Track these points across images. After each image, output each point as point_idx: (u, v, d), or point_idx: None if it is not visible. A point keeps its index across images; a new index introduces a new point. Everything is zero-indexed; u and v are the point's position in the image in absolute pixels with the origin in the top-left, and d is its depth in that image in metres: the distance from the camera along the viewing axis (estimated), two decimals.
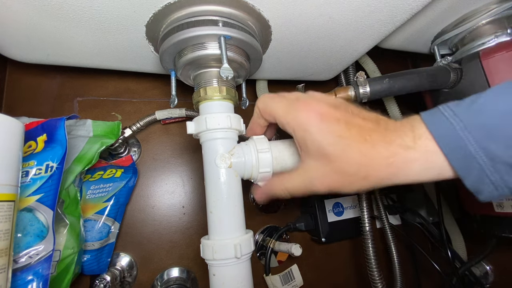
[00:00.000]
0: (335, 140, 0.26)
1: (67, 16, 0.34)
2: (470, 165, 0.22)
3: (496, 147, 0.21)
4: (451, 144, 0.23)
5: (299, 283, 0.61)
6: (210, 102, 0.36)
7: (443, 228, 0.59)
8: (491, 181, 0.22)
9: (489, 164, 0.22)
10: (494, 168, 0.22)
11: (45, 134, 0.38)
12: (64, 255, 0.39)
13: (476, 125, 0.22)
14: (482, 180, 0.22)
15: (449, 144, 0.23)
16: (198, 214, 0.59)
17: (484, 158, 0.22)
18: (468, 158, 0.22)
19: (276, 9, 0.35)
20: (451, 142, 0.23)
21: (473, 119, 0.22)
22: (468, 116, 0.23)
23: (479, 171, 0.22)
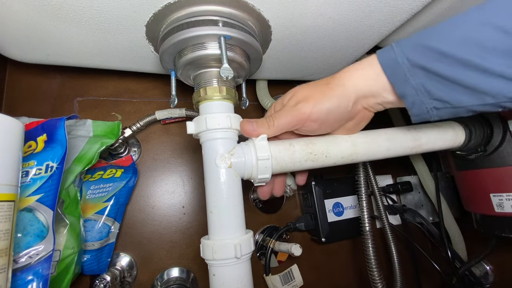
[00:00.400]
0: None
1: (67, 16, 0.34)
2: (397, 71, 0.28)
3: (415, 55, 0.26)
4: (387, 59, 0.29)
5: (299, 283, 0.61)
6: (210, 102, 0.36)
7: (443, 228, 0.59)
8: (412, 85, 0.27)
9: (410, 69, 0.27)
10: (414, 72, 0.27)
11: (45, 134, 0.38)
12: (64, 255, 0.39)
13: (407, 43, 0.28)
14: (406, 84, 0.28)
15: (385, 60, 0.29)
16: (198, 214, 0.59)
17: (406, 64, 0.27)
18: (396, 66, 0.28)
19: (276, 9, 0.35)
20: (387, 58, 0.28)
21: (407, 40, 0.28)
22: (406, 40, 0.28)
23: (403, 76, 0.27)
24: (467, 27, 0.25)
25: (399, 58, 0.27)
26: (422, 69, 0.26)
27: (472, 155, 0.48)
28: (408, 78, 0.27)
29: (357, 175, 0.53)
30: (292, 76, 0.58)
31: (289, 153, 0.35)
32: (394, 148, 0.39)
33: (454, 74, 0.25)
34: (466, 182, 0.52)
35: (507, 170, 0.44)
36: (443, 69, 0.25)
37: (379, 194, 0.59)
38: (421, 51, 0.26)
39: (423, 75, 0.27)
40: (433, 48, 0.26)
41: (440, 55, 0.25)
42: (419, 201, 0.72)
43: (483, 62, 0.24)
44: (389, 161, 0.45)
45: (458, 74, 0.25)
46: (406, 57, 0.27)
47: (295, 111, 0.32)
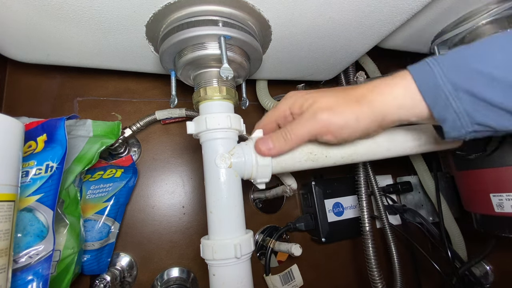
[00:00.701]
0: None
1: (67, 16, 0.34)
2: (437, 95, 0.26)
3: (461, 79, 0.25)
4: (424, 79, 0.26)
5: (299, 283, 0.61)
6: (210, 102, 0.36)
7: (443, 228, 0.59)
8: (453, 108, 0.25)
9: (452, 93, 0.25)
10: (457, 96, 0.25)
11: (45, 134, 0.38)
12: (64, 255, 0.39)
13: (448, 63, 0.26)
14: (446, 108, 0.26)
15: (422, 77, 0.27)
16: (198, 214, 0.59)
17: (449, 87, 0.25)
18: (436, 88, 0.26)
19: (276, 9, 0.35)
20: (424, 78, 0.26)
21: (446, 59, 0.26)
22: (444, 58, 0.26)
23: (445, 100, 0.25)
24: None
25: (440, 80, 0.25)
26: (468, 94, 0.24)
27: (472, 155, 0.48)
28: (451, 103, 0.25)
29: (357, 175, 0.53)
30: (292, 76, 0.58)
31: (289, 153, 0.35)
32: (394, 148, 0.39)
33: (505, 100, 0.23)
34: (466, 182, 0.52)
35: (507, 170, 0.44)
36: (493, 95, 0.24)
37: (379, 194, 0.59)
38: (467, 74, 0.24)
39: (468, 101, 0.25)
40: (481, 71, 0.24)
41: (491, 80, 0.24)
42: (419, 201, 0.72)
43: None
44: (389, 161, 0.45)
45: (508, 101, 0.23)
46: (449, 79, 0.25)
47: (316, 122, 0.30)
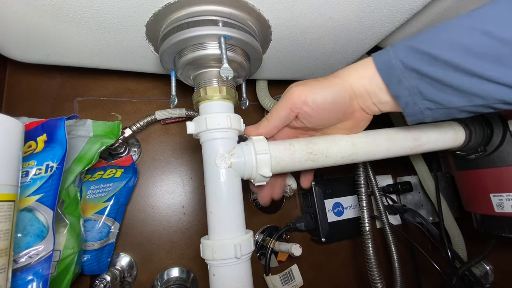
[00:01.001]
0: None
1: (67, 16, 0.34)
2: (392, 74, 0.28)
3: (407, 58, 0.27)
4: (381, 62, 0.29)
5: (299, 283, 0.61)
6: (210, 102, 0.36)
7: (443, 228, 0.59)
8: (405, 86, 0.28)
9: (403, 71, 0.28)
10: (407, 73, 0.28)
11: (45, 134, 0.38)
12: (64, 255, 0.39)
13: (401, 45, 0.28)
14: (399, 85, 0.28)
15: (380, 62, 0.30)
16: (198, 214, 0.59)
17: (400, 66, 0.28)
18: (390, 68, 0.28)
19: (276, 9, 0.35)
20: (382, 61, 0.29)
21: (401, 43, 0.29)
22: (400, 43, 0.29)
23: (397, 77, 0.28)
24: (456, 31, 0.26)
25: (393, 60, 0.28)
26: (415, 71, 0.27)
27: (472, 155, 0.48)
28: (402, 80, 0.28)
29: (357, 175, 0.53)
30: (292, 76, 0.58)
31: (289, 153, 0.35)
32: (394, 148, 0.39)
33: (444, 76, 0.26)
34: (466, 182, 0.52)
35: (507, 170, 0.44)
36: (434, 72, 0.26)
37: (379, 194, 0.59)
38: (414, 54, 0.27)
39: (415, 77, 0.28)
40: (424, 51, 0.27)
41: (431, 58, 0.26)
42: (419, 201, 0.72)
43: (472, 66, 0.25)
44: (389, 161, 0.45)
45: (448, 77, 0.26)
46: (400, 59, 0.28)
47: (289, 95, 0.33)
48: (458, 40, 0.25)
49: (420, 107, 0.29)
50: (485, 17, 0.25)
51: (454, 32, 0.26)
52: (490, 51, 0.24)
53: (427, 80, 0.27)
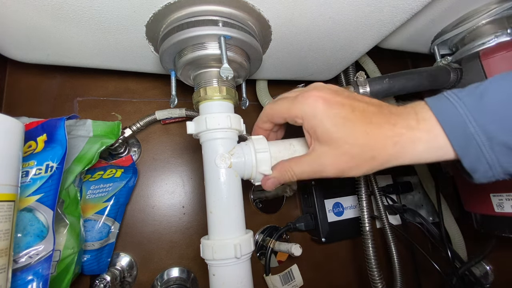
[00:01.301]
0: (341, 122, 0.27)
1: (67, 16, 0.34)
2: (469, 144, 0.23)
3: (494, 128, 0.22)
4: (453, 124, 0.24)
5: (299, 283, 0.61)
6: (210, 102, 0.36)
7: (443, 228, 0.59)
8: (486, 160, 0.23)
9: (486, 144, 0.23)
10: (491, 147, 0.23)
11: (45, 134, 0.38)
12: (64, 255, 0.39)
13: (477, 107, 0.23)
14: (478, 159, 0.24)
15: (451, 124, 0.24)
16: (198, 214, 0.59)
17: (482, 138, 0.23)
18: (468, 138, 0.23)
19: (276, 9, 0.35)
20: (453, 122, 0.24)
21: (475, 102, 0.23)
22: (471, 99, 0.24)
23: (477, 150, 0.23)
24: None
25: (471, 127, 0.23)
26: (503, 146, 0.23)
27: None
28: (484, 154, 0.23)
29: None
30: (292, 76, 0.58)
31: (289, 153, 0.35)
32: None
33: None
34: (466, 182, 0.52)
35: None
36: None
37: (379, 194, 0.59)
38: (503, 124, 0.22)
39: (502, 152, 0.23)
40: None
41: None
42: (419, 201, 0.72)
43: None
44: None
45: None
46: (481, 127, 0.23)
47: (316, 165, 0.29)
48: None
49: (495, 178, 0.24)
50: None
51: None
52: None
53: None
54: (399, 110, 0.27)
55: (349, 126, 0.26)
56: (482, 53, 0.45)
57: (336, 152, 0.27)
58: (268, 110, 0.33)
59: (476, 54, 0.46)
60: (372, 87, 0.45)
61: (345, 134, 0.26)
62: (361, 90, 0.45)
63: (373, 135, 0.26)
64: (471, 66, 0.46)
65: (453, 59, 0.51)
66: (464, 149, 0.24)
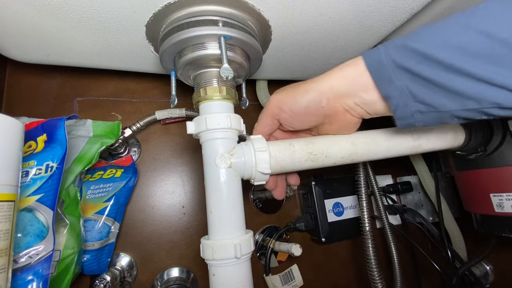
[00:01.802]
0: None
1: (67, 16, 0.34)
2: (382, 73, 0.28)
3: (399, 56, 0.26)
4: (372, 60, 0.29)
5: (299, 283, 0.61)
6: (210, 102, 0.36)
7: (443, 228, 0.59)
8: (396, 86, 0.27)
9: (395, 70, 0.27)
10: (398, 73, 0.27)
11: (45, 134, 0.38)
12: (64, 255, 0.39)
13: (392, 43, 0.28)
14: (390, 84, 0.27)
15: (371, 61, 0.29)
16: (198, 214, 0.59)
17: (391, 65, 0.27)
18: (381, 66, 0.28)
19: (276, 9, 0.35)
20: (373, 60, 0.28)
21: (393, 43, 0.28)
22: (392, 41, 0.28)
23: (388, 77, 0.27)
24: (450, 30, 0.25)
25: (384, 59, 0.27)
26: (407, 70, 0.26)
27: (472, 155, 0.48)
28: (393, 79, 0.27)
29: (357, 175, 0.53)
30: (292, 76, 0.58)
31: (289, 153, 0.35)
32: (394, 148, 0.39)
33: (437, 77, 0.25)
34: (466, 182, 0.52)
35: (507, 170, 0.44)
36: (427, 71, 0.25)
37: (379, 194, 0.59)
38: (406, 53, 0.26)
39: (407, 77, 0.27)
40: (417, 50, 0.26)
41: (424, 58, 0.25)
42: (419, 201, 0.72)
43: (466, 66, 0.24)
44: (389, 161, 0.45)
45: (441, 78, 0.25)
46: (391, 58, 0.27)
47: (269, 103, 0.34)
48: (452, 39, 0.24)
49: (411, 109, 0.28)
50: (481, 16, 0.24)
51: (448, 31, 0.25)
52: (486, 51, 0.23)
53: (419, 80, 0.26)
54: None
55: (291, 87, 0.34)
56: None
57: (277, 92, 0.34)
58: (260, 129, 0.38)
59: None
60: None
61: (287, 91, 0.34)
62: None
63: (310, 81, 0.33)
64: None
65: None
66: (379, 76, 0.28)
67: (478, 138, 0.45)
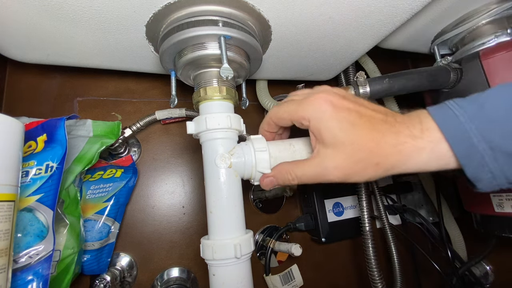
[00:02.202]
0: (348, 127, 0.27)
1: (67, 16, 0.34)
2: (472, 154, 0.23)
3: (497, 137, 0.23)
4: (455, 134, 0.24)
5: (299, 283, 0.61)
6: (210, 102, 0.36)
7: (443, 228, 0.59)
8: (490, 169, 0.23)
9: (489, 153, 0.23)
10: (494, 157, 0.23)
11: (45, 134, 0.38)
12: (64, 255, 0.39)
13: (479, 116, 0.23)
14: (482, 169, 0.24)
15: (454, 134, 0.24)
16: (198, 214, 0.59)
17: (485, 147, 0.23)
18: (471, 148, 0.23)
19: (276, 9, 0.35)
20: (456, 132, 0.24)
21: (477, 112, 0.24)
22: (472, 109, 0.24)
23: (480, 160, 0.23)
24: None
25: (473, 137, 0.23)
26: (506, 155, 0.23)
27: None
28: (487, 163, 0.23)
29: None
30: (292, 76, 0.58)
31: (289, 153, 0.35)
32: None
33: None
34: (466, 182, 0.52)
35: None
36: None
37: (379, 194, 0.59)
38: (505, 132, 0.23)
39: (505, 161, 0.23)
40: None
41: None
42: (419, 201, 0.72)
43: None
44: None
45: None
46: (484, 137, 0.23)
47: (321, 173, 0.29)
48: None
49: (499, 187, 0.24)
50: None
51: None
52: None
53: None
54: (403, 119, 0.27)
55: (356, 131, 0.27)
56: (482, 53, 0.45)
57: (341, 155, 0.27)
58: (274, 113, 0.33)
59: (476, 54, 0.46)
60: (372, 87, 0.45)
61: (351, 138, 0.27)
62: (361, 90, 0.45)
63: (378, 142, 0.26)
64: (471, 66, 0.46)
65: (453, 59, 0.51)
66: (467, 159, 0.24)
67: None
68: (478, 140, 0.23)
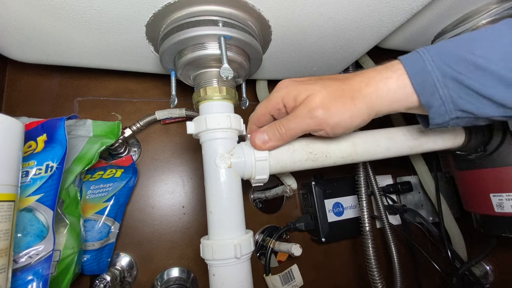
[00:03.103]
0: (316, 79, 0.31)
1: (67, 16, 0.34)
2: (425, 81, 0.26)
3: (448, 65, 0.25)
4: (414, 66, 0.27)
5: (299, 283, 0.61)
6: (210, 102, 0.36)
7: (443, 228, 0.59)
8: (440, 95, 0.26)
9: (440, 79, 0.26)
10: (444, 82, 0.26)
11: (45, 134, 0.38)
12: (64, 255, 0.39)
13: (437, 51, 0.26)
14: (433, 94, 0.26)
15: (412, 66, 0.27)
16: (198, 214, 0.59)
17: (438, 75, 0.26)
18: (425, 75, 0.26)
19: (276, 9, 0.35)
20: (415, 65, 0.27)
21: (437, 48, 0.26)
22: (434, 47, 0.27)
23: (432, 86, 0.26)
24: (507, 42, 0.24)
25: (429, 66, 0.26)
26: (455, 80, 0.25)
27: (472, 155, 0.48)
28: (437, 89, 0.26)
29: (357, 175, 0.53)
30: (292, 76, 0.58)
31: (289, 153, 0.35)
32: (394, 148, 0.39)
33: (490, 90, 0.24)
34: (466, 182, 0.52)
35: (507, 170, 0.44)
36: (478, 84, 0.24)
37: (379, 194, 0.59)
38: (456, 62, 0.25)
39: (453, 87, 0.25)
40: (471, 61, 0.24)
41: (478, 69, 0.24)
42: (419, 201, 0.72)
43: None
44: (389, 161, 0.45)
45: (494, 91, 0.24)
46: (438, 66, 0.26)
47: (311, 119, 0.30)
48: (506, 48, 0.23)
49: (450, 116, 0.27)
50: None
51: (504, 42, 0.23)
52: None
53: (468, 91, 0.25)
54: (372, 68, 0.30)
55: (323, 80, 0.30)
56: None
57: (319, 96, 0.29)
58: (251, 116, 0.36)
59: None
60: None
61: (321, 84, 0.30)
62: None
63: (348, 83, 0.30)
64: None
65: None
66: (422, 86, 0.27)
67: (478, 138, 0.45)
68: (432, 68, 0.26)
